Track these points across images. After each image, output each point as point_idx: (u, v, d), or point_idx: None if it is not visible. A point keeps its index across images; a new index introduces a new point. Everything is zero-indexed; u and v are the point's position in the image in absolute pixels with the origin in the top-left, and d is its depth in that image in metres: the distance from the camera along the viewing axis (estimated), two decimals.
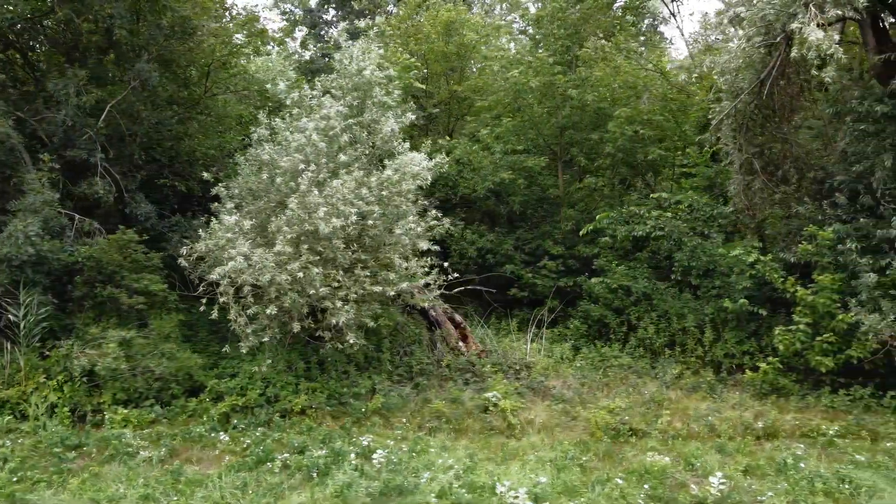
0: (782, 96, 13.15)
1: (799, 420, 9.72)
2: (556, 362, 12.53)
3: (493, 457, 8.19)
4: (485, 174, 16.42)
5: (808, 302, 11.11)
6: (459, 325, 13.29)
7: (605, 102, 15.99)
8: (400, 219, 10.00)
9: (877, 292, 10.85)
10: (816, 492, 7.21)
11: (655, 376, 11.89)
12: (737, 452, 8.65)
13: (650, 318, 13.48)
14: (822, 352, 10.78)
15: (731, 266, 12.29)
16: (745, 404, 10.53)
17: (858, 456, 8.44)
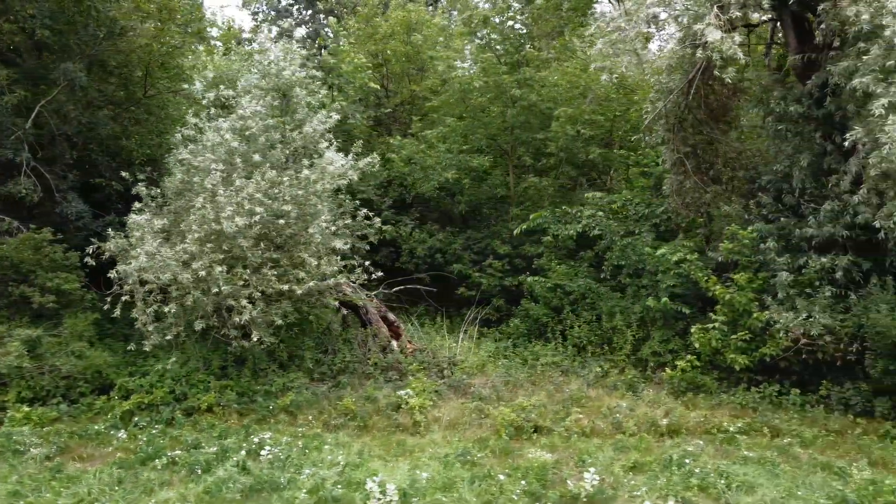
0: (713, 96, 13.29)
1: (705, 417, 9.80)
2: (485, 361, 12.61)
3: (386, 454, 8.28)
4: (430, 174, 16.53)
5: (725, 300, 11.23)
6: (392, 324, 13.38)
7: (550, 102, 16.08)
8: (314, 218, 10.07)
9: (792, 291, 10.96)
10: (691, 487, 7.30)
11: (580, 375, 11.99)
12: (633, 449, 8.74)
13: (584, 317, 13.59)
14: (738, 350, 10.91)
15: (658, 265, 12.39)
16: (659, 402, 10.62)
17: (749, 452, 8.54)
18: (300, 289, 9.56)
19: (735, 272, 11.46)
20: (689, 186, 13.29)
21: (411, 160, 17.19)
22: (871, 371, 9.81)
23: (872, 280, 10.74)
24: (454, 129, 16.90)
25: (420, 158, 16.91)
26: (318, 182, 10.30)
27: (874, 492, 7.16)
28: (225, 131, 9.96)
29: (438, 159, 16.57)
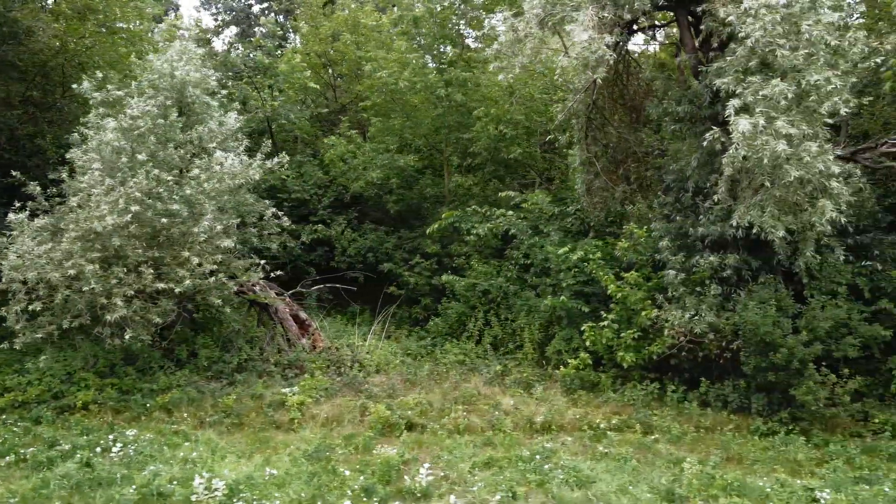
0: (627, 95, 13.41)
1: (582, 414, 9.91)
2: (392, 359, 12.69)
3: (245, 450, 8.35)
4: (355, 175, 16.64)
5: (618, 298, 11.34)
6: (304, 322, 13.46)
7: (475, 102, 16.18)
8: (201, 217, 10.14)
9: (682, 289, 11.07)
10: (529, 482, 7.40)
11: (482, 373, 12.08)
12: (500, 446, 8.84)
13: (502, 315, 13.70)
14: (628, 348, 11.02)
15: (560, 264, 12.49)
16: (547, 399, 10.73)
17: (610, 448, 8.64)
18: (179, 287, 9.61)
19: (632, 271, 11.57)
20: (599, 186, 13.40)
21: (343, 160, 17.29)
22: (745, 368, 9.91)
23: (760, 279, 10.88)
24: (380, 129, 16.97)
25: (349, 158, 17.02)
26: (206, 181, 10.35)
27: (704, 485, 7.26)
28: (111, 130, 10.02)
29: (365, 159, 16.66)
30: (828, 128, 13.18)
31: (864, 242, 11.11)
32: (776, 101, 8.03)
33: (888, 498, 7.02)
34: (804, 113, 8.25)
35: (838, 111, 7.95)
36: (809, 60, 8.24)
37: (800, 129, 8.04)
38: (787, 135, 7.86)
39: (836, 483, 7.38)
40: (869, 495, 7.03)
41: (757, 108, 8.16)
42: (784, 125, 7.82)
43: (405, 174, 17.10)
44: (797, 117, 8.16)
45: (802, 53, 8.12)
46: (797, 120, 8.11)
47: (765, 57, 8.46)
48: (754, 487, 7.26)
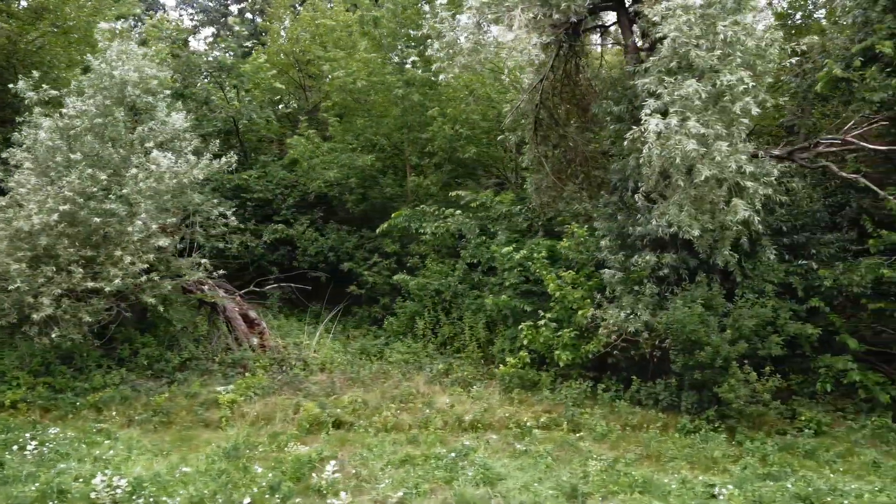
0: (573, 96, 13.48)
1: (512, 413, 9.96)
2: (339, 357, 12.73)
3: (165, 448, 8.40)
4: (314, 175, 16.70)
5: (556, 297, 11.40)
6: (253, 322, 13.51)
7: (434, 102, 16.22)
8: (135, 217, 10.19)
9: (620, 288, 11.14)
10: (435, 479, 7.46)
11: (424, 371, 12.13)
12: (423, 443, 8.90)
13: (454, 314, 13.75)
14: (565, 346, 11.07)
15: (504, 263, 12.55)
16: (483, 398, 10.78)
17: (531, 446, 8.70)
18: (109, 286, 9.65)
19: (572, 270, 11.64)
20: (548, 185, 13.47)
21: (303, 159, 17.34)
22: (674, 367, 9.98)
23: (697, 277, 10.94)
24: (338, 130, 17.03)
25: (308, 157, 17.07)
26: (144, 181, 10.39)
27: (608, 482, 7.33)
28: (45, 130, 10.06)
29: (324, 158, 16.72)
30: (783, 128, 13.45)
31: (800, 242, 11.19)
32: (691, 102, 8.09)
33: (788, 493, 7.08)
34: (721, 113, 8.31)
35: (749, 111, 8.00)
36: (726, 61, 8.30)
37: (714, 128, 8.10)
38: (699, 134, 7.91)
39: (741, 480, 7.45)
40: (769, 491, 7.09)
41: (673, 108, 8.22)
42: (695, 125, 7.88)
43: (366, 174, 17.13)
44: (713, 117, 8.22)
45: (717, 54, 8.17)
46: (712, 120, 8.17)
47: (684, 57, 8.52)
48: (659, 484, 7.32)
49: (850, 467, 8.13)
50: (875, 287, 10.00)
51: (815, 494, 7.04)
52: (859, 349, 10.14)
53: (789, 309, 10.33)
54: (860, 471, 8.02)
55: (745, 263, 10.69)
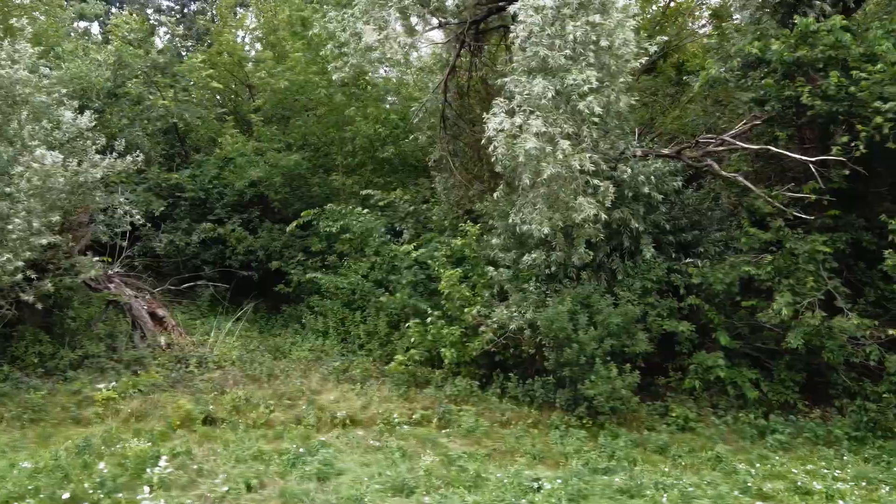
0: (483, 94, 13.60)
1: (388, 409, 10.04)
2: (240, 355, 12.79)
3: (21, 445, 8.47)
4: (240, 174, 16.78)
5: (445, 295, 11.49)
6: (161, 320, 13.57)
7: (358, 102, 16.32)
8: (13, 216, 10.24)
9: (508, 286, 11.24)
10: (271, 474, 7.54)
11: (322, 369, 12.21)
12: (286, 439, 8.97)
13: (363, 311, 13.84)
14: (453, 344, 11.16)
15: (402, 262, 12.65)
16: (368, 394, 10.86)
17: (389, 442, 8.79)
18: None
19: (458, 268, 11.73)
20: (454, 184, 13.58)
21: (229, 158, 17.41)
22: (546, 364, 10.08)
23: (583, 275, 11.06)
24: (261, 129, 17.13)
25: (234, 157, 17.15)
26: (27, 179, 10.44)
27: (440, 476, 7.42)
28: None
29: (249, 158, 16.80)
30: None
31: (687, 240, 11.31)
32: (538, 101, 8.18)
33: (612, 487, 7.18)
34: (573, 113, 8.41)
35: (593, 110, 8.10)
36: (576, 60, 8.40)
37: (561, 127, 8.20)
38: (541, 133, 8.01)
39: (574, 473, 7.56)
40: (594, 485, 7.20)
41: (523, 107, 8.32)
42: (537, 123, 7.98)
43: (294, 173, 17.21)
44: (563, 116, 8.32)
45: (565, 53, 8.27)
46: (561, 119, 8.27)
47: (535, 57, 8.61)
48: (489, 479, 7.41)
49: (694, 462, 8.23)
50: (748, 284, 10.13)
51: (636, 488, 7.14)
52: (734, 346, 10.27)
53: (667, 306, 10.46)
54: (702, 465, 8.13)
55: (627, 262, 10.82)
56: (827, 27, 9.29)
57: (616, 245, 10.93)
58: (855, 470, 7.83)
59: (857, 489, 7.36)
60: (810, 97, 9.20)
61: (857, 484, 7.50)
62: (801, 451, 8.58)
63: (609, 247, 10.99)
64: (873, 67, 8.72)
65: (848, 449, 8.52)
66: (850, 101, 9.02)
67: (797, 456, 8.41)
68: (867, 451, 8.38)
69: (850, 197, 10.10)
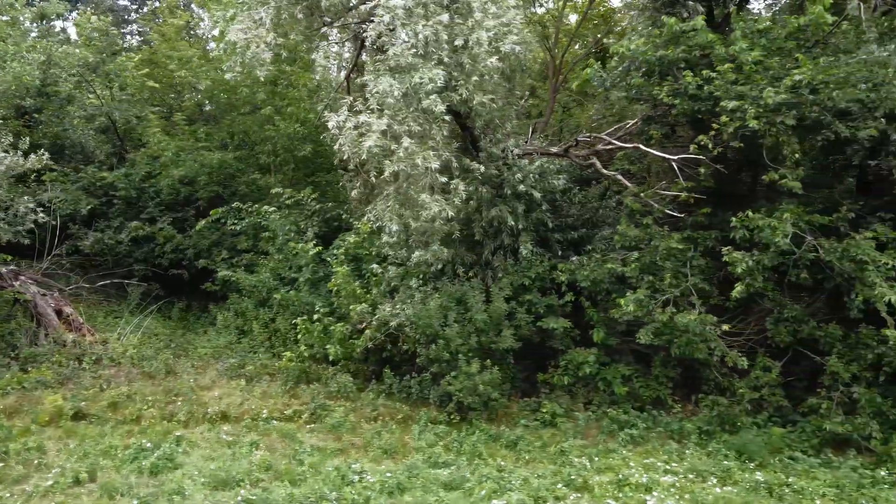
0: None
1: (261, 406, 10.13)
2: (142, 352, 12.85)
3: None
4: (165, 173, 16.87)
5: (335, 292, 11.58)
6: (68, 318, 13.63)
7: (283, 102, 16.41)
8: None
9: (395, 283, 11.34)
10: (106, 468, 7.63)
11: (217, 366, 12.30)
12: (148, 434, 9.05)
13: (270, 309, 13.92)
14: (341, 341, 11.25)
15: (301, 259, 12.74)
16: (251, 391, 10.93)
17: (248, 437, 8.89)
18: None
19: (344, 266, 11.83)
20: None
21: (155, 157, 17.49)
22: (419, 360, 10.18)
23: (470, 273, 11.16)
24: (184, 128, 17.21)
25: (160, 156, 17.24)
26: None
27: (268, 470, 7.53)
28: None
29: (171, 157, 16.88)
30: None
31: (574, 238, 11.42)
32: (385, 99, 8.27)
33: (437, 481, 7.27)
34: (425, 112, 8.49)
35: (433, 109, 8.18)
36: (428, 59, 8.49)
37: (408, 125, 8.28)
38: (383, 131, 8.09)
39: (408, 467, 7.66)
40: (420, 478, 7.31)
41: (371, 105, 8.40)
42: (377, 121, 8.07)
43: (221, 172, 17.27)
44: (412, 115, 8.40)
45: (412, 52, 8.36)
46: (410, 117, 8.36)
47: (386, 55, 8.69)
48: (322, 471, 7.51)
49: (538, 456, 8.33)
50: (621, 281, 10.22)
51: (459, 481, 7.24)
52: (611, 343, 10.37)
53: (546, 304, 10.55)
54: (545, 459, 8.23)
55: (508, 260, 10.92)
56: (689, 27, 9.41)
57: (500, 243, 11.04)
58: (690, 463, 7.93)
59: (684, 481, 7.46)
60: (670, 96, 9.31)
61: (686, 476, 7.60)
62: (650, 445, 8.68)
63: (494, 245, 11.11)
64: (723, 67, 8.83)
65: (695, 443, 8.61)
66: (713, 101, 9.12)
67: (644, 450, 8.51)
68: (712, 444, 8.47)
69: (722, 195, 10.23)
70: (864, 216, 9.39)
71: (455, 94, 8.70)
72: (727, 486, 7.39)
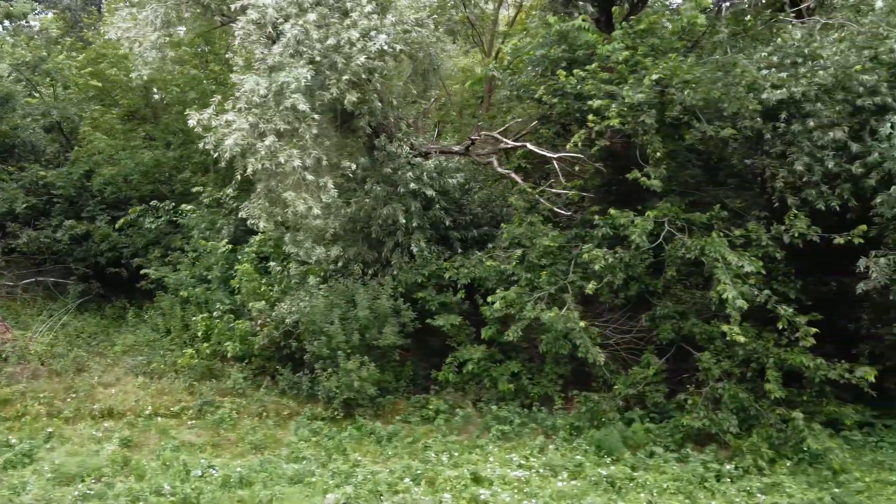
0: None
1: (147, 402, 10.19)
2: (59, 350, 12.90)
3: None
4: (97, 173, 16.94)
5: (240, 291, 11.66)
6: None
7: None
8: None
9: (296, 281, 11.42)
10: None
11: (127, 363, 12.35)
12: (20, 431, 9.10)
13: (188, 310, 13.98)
14: (242, 338, 11.31)
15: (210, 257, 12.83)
16: (153, 388, 11.00)
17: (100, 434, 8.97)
18: None
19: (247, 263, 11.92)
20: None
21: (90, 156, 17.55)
22: (306, 357, 10.25)
23: (370, 271, 11.25)
24: (116, 128, 17.32)
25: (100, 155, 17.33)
26: None
27: (122, 464, 7.61)
28: None
29: (104, 156, 16.95)
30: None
31: (474, 236, 11.50)
32: (250, 97, 8.34)
33: (282, 476, 7.36)
34: (293, 110, 8.56)
35: (298, 107, 8.25)
36: (299, 58, 8.56)
37: (275, 124, 8.36)
38: (244, 128, 8.17)
39: (262, 461, 7.75)
40: (267, 472, 7.40)
41: (239, 103, 8.47)
42: (237, 118, 8.15)
43: (158, 171, 17.34)
44: (280, 114, 8.47)
45: (279, 52, 8.44)
46: (276, 116, 8.43)
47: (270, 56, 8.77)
48: (174, 466, 7.58)
49: (400, 452, 8.42)
50: (507, 279, 10.29)
51: (303, 475, 7.33)
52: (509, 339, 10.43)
53: (438, 301, 10.62)
54: (408, 454, 8.32)
55: (403, 257, 11.00)
56: (569, 27, 9.49)
57: (397, 241, 11.12)
58: (548, 458, 8.02)
59: (534, 476, 7.55)
60: (549, 95, 9.39)
61: (538, 471, 7.69)
62: (519, 441, 8.76)
63: (393, 242, 11.18)
64: (591, 66, 8.92)
65: (563, 438, 8.70)
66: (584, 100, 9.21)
67: (510, 446, 8.61)
68: (577, 440, 8.56)
69: (615, 193, 10.32)
70: (743, 214, 9.51)
71: (327, 94, 8.76)
72: (575, 480, 7.48)
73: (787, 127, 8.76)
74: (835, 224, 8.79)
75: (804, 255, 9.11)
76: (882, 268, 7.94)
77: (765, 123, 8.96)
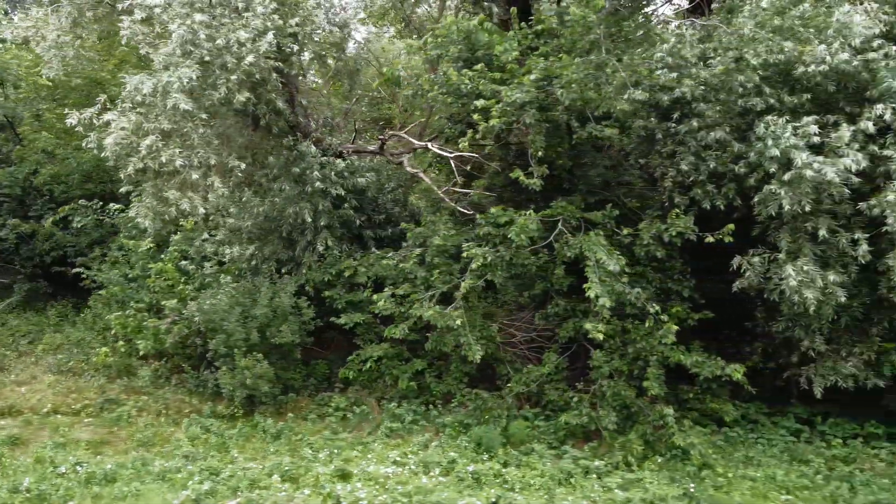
0: None
1: (49, 400, 10.26)
2: None
3: None
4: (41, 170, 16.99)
5: (154, 288, 11.71)
6: None
7: None
8: None
9: (210, 279, 11.47)
10: None
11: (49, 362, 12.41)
12: None
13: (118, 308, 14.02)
14: (156, 335, 11.34)
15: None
16: (63, 386, 11.05)
17: None
18: None
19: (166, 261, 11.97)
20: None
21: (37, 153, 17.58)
22: (209, 355, 10.29)
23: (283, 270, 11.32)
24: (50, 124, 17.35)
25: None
26: None
27: None
28: None
29: (43, 155, 16.98)
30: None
31: (388, 235, 11.57)
32: (133, 96, 8.38)
33: (150, 472, 7.41)
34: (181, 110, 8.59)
35: (179, 106, 8.29)
36: (188, 57, 8.60)
37: (161, 124, 8.41)
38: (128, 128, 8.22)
39: (136, 459, 7.80)
40: (135, 468, 7.46)
41: (125, 103, 8.51)
42: (117, 119, 8.20)
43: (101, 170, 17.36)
44: (166, 113, 8.51)
45: (166, 51, 8.48)
46: (161, 116, 8.47)
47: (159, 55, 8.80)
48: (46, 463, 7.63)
49: (283, 449, 8.48)
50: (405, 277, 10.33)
51: (169, 472, 7.38)
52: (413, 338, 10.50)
53: (347, 300, 10.67)
54: (288, 451, 8.38)
55: (312, 256, 11.06)
56: (464, 27, 9.54)
57: (308, 240, 11.17)
58: (423, 455, 8.07)
59: (405, 473, 7.60)
60: (443, 94, 9.45)
61: (411, 468, 7.74)
62: (406, 438, 8.83)
63: (305, 241, 11.24)
64: (478, 67, 8.98)
65: (449, 436, 8.76)
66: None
67: (395, 444, 8.67)
68: (462, 437, 8.61)
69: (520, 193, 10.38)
70: (639, 213, 9.58)
71: (216, 93, 8.80)
72: (445, 476, 7.54)
73: (677, 127, 8.84)
74: (726, 223, 8.87)
75: (702, 255, 9.20)
76: (756, 267, 8.01)
77: (659, 123, 9.05)
